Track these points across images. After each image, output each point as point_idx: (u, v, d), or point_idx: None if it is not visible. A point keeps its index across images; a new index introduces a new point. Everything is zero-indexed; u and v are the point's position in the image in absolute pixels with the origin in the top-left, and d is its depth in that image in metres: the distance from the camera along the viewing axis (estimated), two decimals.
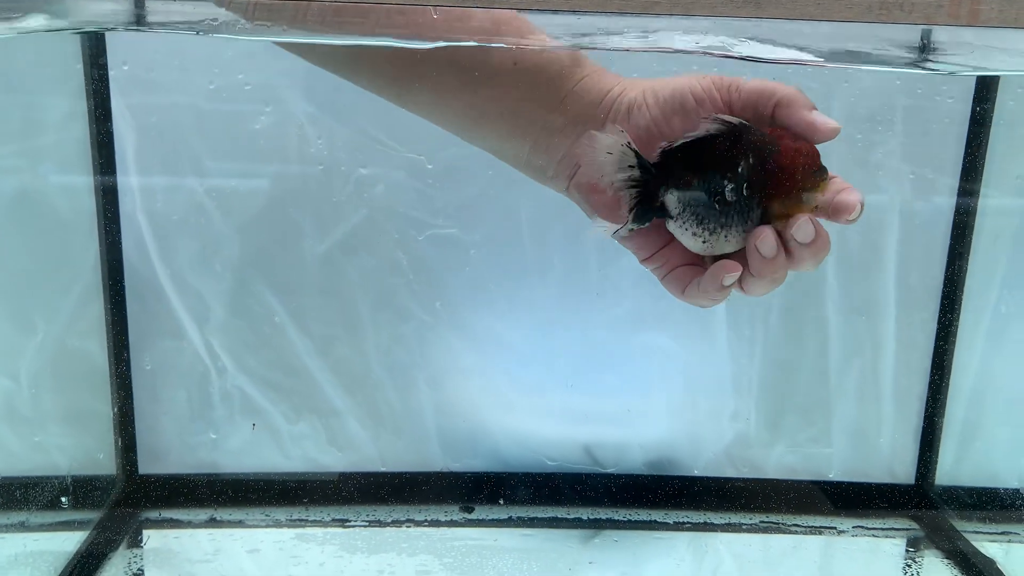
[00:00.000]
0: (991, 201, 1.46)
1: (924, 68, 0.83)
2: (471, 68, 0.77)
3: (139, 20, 0.80)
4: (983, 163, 1.45)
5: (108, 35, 1.32)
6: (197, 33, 0.77)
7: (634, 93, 0.76)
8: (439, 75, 0.78)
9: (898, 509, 1.55)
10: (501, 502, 1.51)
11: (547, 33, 0.76)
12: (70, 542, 1.36)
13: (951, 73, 0.88)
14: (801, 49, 0.80)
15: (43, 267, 1.39)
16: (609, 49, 0.74)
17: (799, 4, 0.63)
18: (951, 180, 1.47)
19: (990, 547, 1.45)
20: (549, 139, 0.78)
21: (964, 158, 1.45)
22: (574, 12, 0.69)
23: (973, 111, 1.43)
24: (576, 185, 0.79)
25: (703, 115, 0.74)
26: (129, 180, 1.39)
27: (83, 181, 1.38)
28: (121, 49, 1.33)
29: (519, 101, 0.78)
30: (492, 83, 0.78)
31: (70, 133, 1.36)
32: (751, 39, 0.78)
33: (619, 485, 1.54)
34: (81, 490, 1.42)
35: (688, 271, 0.78)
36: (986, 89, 1.43)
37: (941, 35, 0.78)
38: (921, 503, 1.55)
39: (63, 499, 1.38)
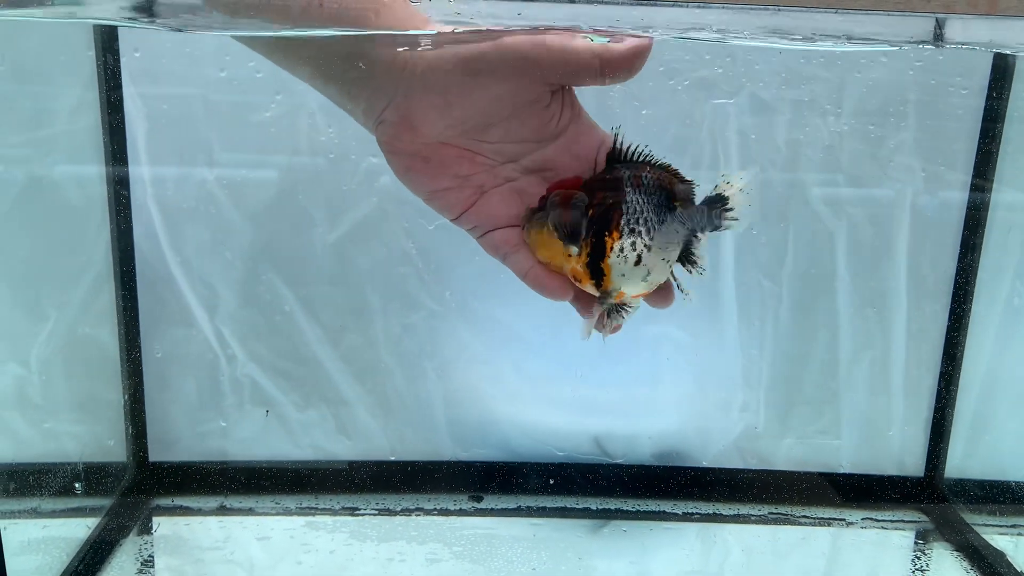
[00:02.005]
0: (1004, 194, 1.46)
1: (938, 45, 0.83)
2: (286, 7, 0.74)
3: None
4: (996, 156, 1.44)
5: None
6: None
7: (432, 55, 0.73)
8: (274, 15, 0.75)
9: (907, 501, 1.55)
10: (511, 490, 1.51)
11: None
12: (81, 528, 1.36)
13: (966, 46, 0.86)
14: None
15: (55, 255, 1.39)
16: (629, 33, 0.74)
17: None
18: (963, 173, 1.46)
19: (1000, 540, 1.45)
20: (351, 87, 0.76)
21: (977, 151, 1.44)
22: (591, 1, 0.69)
23: (986, 105, 1.42)
24: (390, 146, 0.77)
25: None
26: (140, 168, 1.39)
27: (94, 169, 1.39)
28: (133, 36, 1.33)
29: (322, 45, 0.75)
30: (302, 24, 0.75)
31: (82, 121, 1.36)
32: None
33: (628, 475, 1.54)
34: (92, 477, 1.42)
35: (507, 234, 0.78)
36: (1000, 82, 1.42)
37: (954, 29, 0.78)
38: (931, 496, 1.55)
39: (76, 485, 1.39)
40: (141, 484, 1.48)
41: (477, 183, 0.78)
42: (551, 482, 1.53)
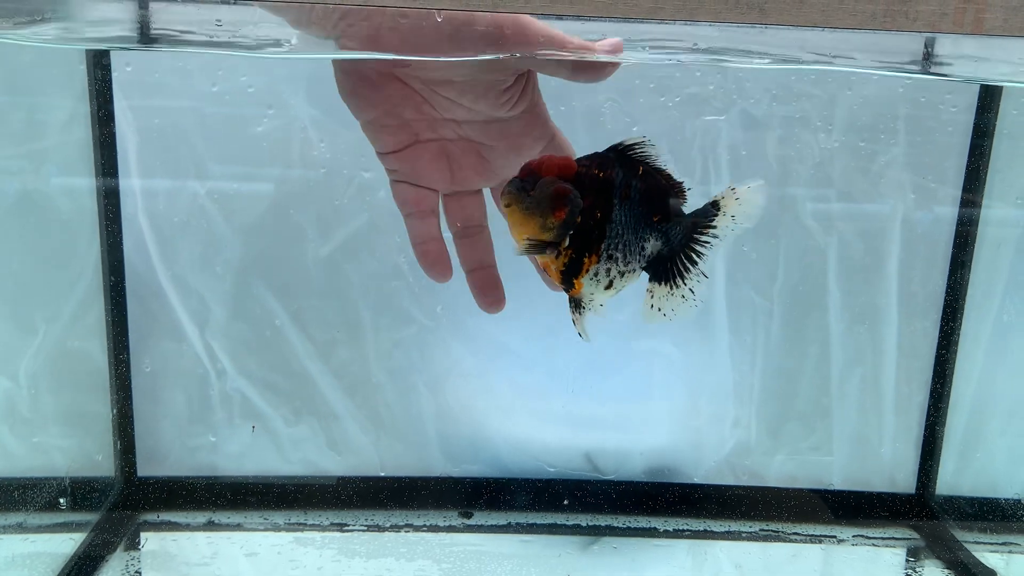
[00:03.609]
0: (994, 210, 1.46)
1: (929, 73, 0.83)
2: None
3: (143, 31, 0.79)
4: (986, 173, 1.45)
5: None
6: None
7: None
8: None
9: (899, 518, 1.54)
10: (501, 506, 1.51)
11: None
12: (68, 544, 1.35)
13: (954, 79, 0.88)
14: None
15: (45, 268, 1.39)
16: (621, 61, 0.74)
17: (804, 11, 0.62)
18: (954, 189, 1.47)
19: (991, 557, 1.45)
20: None
21: (967, 167, 1.45)
22: (579, 18, 0.68)
23: (976, 122, 1.43)
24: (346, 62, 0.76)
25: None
26: (131, 182, 1.39)
27: (85, 183, 1.38)
28: (124, 51, 1.33)
29: None
30: None
31: (73, 135, 1.36)
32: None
33: (619, 492, 1.54)
34: (79, 492, 1.42)
35: (420, 195, 0.79)
36: (989, 100, 1.43)
37: (944, 47, 0.78)
38: (922, 512, 1.55)
39: (61, 500, 1.38)
40: (129, 499, 1.47)
41: (414, 129, 0.78)
42: (542, 498, 1.53)
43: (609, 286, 0.76)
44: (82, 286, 1.41)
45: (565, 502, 1.52)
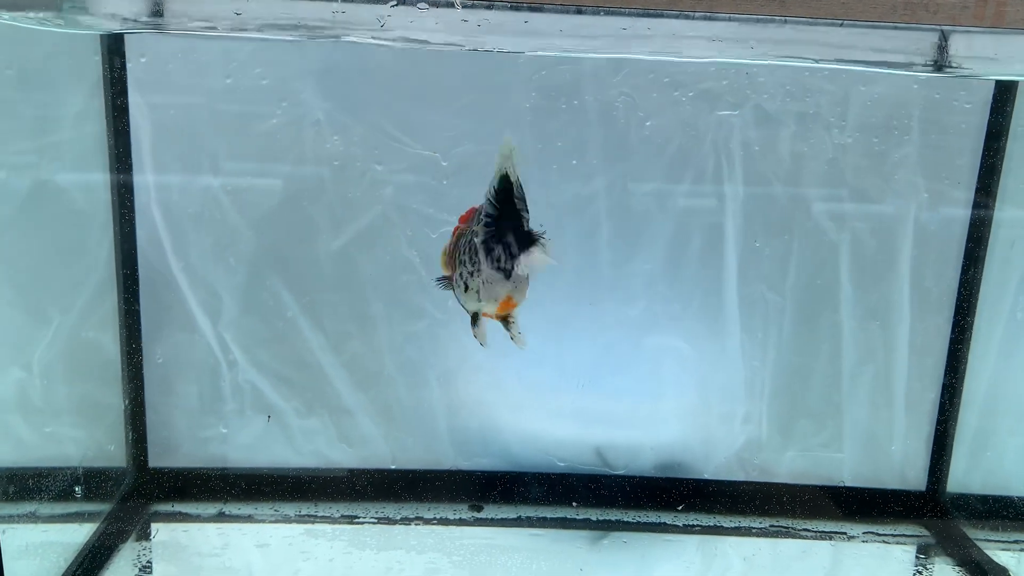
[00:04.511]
0: (1007, 208, 1.46)
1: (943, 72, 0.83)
2: None
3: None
4: (1000, 170, 1.44)
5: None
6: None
7: None
8: None
9: (909, 516, 1.54)
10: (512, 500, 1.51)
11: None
12: (80, 533, 1.36)
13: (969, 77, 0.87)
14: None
15: (58, 259, 1.39)
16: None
17: (824, 3, 0.62)
18: (967, 187, 1.46)
19: (1003, 556, 1.44)
20: None
21: (981, 165, 1.44)
22: (597, 11, 0.69)
23: (990, 119, 1.42)
24: None
25: None
26: (144, 174, 1.39)
27: (99, 175, 1.39)
28: (139, 42, 1.33)
29: None
30: None
31: (87, 127, 1.36)
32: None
33: (629, 487, 1.54)
34: (92, 482, 1.42)
35: None
36: (1004, 96, 1.42)
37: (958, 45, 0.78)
38: (933, 510, 1.54)
39: (76, 489, 1.38)
40: (141, 489, 1.48)
41: None
42: (552, 492, 1.53)
43: (467, 289, 0.96)
44: (95, 277, 1.41)
45: (575, 497, 1.53)
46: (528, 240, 0.94)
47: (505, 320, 0.98)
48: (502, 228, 0.94)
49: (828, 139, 1.42)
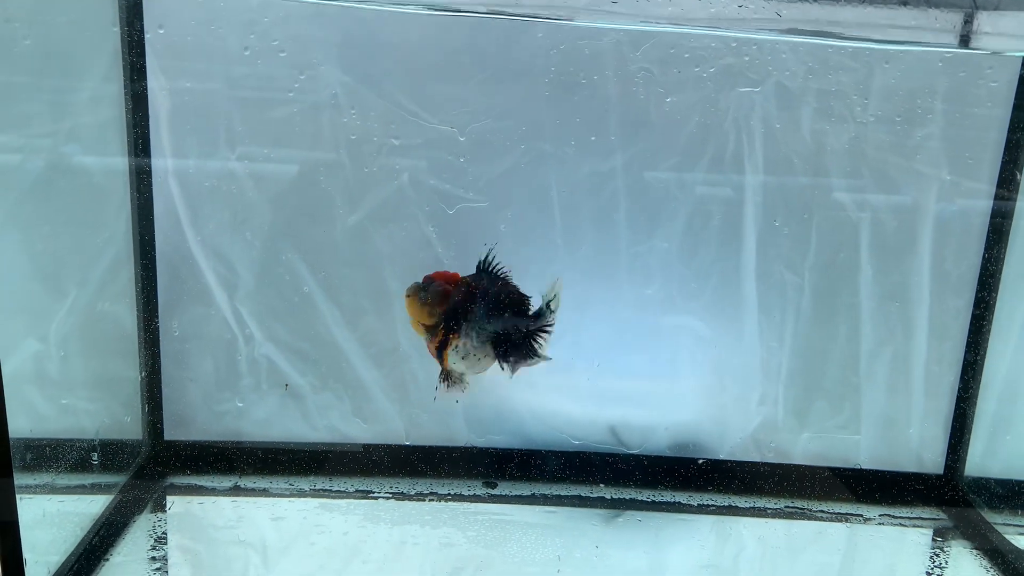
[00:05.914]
0: None
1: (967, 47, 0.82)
2: None
3: None
4: None
5: None
6: None
7: None
8: None
9: (926, 499, 1.53)
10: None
11: None
12: (96, 504, 1.37)
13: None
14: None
15: (75, 232, 1.39)
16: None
17: None
18: (991, 167, 1.44)
19: (1021, 540, 1.43)
20: None
21: (1006, 142, 1.42)
22: None
23: (1017, 93, 1.40)
24: None
25: None
26: (161, 147, 1.39)
27: (116, 148, 1.39)
28: (158, 11, 1.33)
29: None
30: None
31: (105, 99, 1.36)
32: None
33: (644, 466, 1.53)
34: (108, 454, 1.43)
35: None
36: None
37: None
38: (950, 494, 1.53)
39: (92, 460, 1.39)
40: (156, 462, 1.48)
41: None
42: (567, 470, 1.53)
43: (465, 356, 1.16)
44: (112, 250, 1.42)
45: (590, 475, 1.52)
46: (534, 354, 1.17)
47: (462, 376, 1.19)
48: (521, 345, 1.17)
49: (850, 117, 1.41)
